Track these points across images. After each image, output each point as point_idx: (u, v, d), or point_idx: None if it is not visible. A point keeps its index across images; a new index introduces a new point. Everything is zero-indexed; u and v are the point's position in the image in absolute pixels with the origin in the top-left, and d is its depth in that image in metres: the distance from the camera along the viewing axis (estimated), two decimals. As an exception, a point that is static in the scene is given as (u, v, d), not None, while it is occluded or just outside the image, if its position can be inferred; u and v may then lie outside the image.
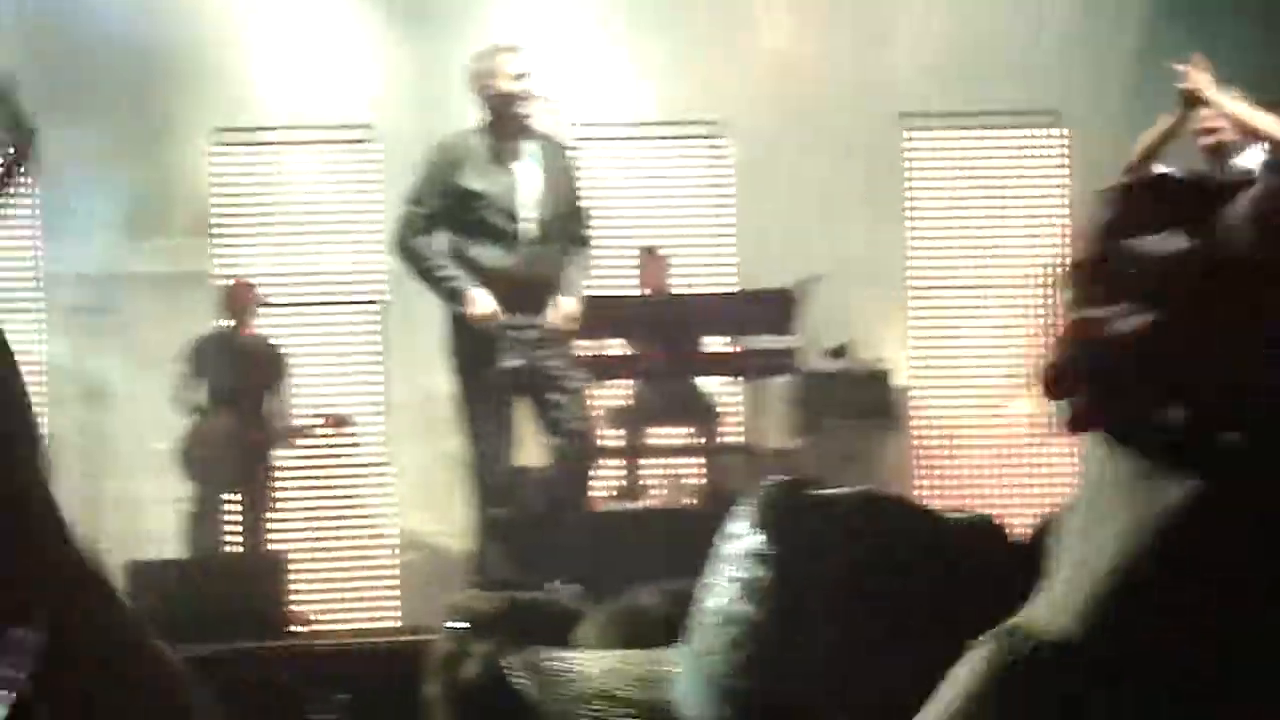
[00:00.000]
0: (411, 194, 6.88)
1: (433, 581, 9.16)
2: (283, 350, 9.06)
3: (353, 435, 9.56)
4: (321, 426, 9.26)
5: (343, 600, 9.27)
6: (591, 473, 7.18)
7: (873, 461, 9.04)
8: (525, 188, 6.70)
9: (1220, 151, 6.71)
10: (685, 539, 7.13)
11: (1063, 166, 9.72)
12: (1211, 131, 6.69)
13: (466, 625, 2.30)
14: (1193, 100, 6.62)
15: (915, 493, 9.32)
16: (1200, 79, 6.59)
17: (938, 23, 9.71)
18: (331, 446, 9.57)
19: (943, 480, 9.52)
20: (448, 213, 6.75)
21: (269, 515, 9.02)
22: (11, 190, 8.01)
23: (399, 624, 9.08)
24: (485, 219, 6.67)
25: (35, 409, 1.73)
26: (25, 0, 9.76)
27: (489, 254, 6.70)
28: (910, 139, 9.64)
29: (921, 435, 9.53)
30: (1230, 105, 6.59)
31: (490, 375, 6.67)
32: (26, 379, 1.71)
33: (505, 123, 6.71)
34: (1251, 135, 6.64)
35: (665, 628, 1.82)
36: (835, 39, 9.95)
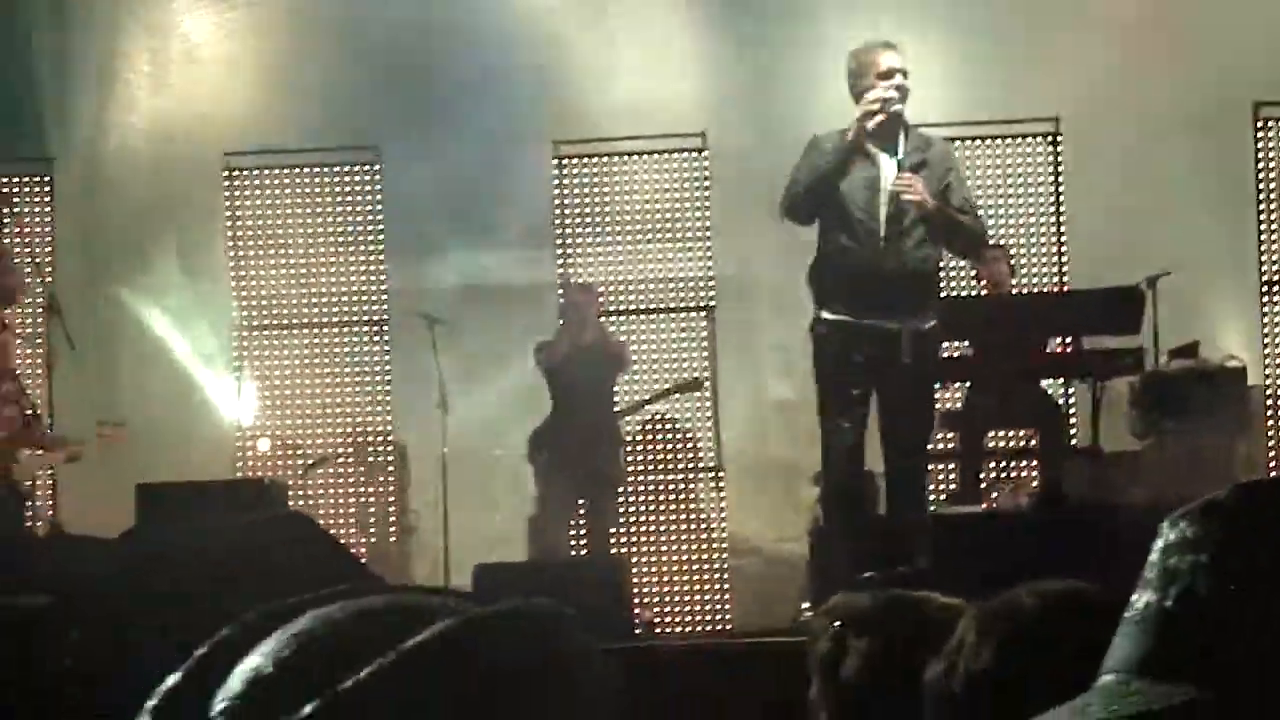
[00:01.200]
0: (791, 180, 6.83)
1: (763, 586, 9.19)
2: (624, 353, 9.19)
3: (690, 436, 9.64)
4: (671, 391, 9.33)
5: (678, 604, 9.36)
6: (928, 477, 7.10)
7: (1222, 466, 8.72)
8: (891, 184, 6.62)
9: None
10: (1025, 542, 7.06)
11: None
12: None
13: (843, 623, 2.29)
14: None
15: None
16: None
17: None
18: (668, 450, 9.66)
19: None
20: (817, 203, 6.70)
21: (615, 518, 9.16)
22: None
23: (730, 627, 9.13)
24: (851, 214, 6.62)
25: None
26: (371, 18, 10.11)
27: (853, 250, 6.65)
28: (1263, 127, 9.27)
29: (1278, 437, 9.14)
30: None
31: (849, 375, 6.63)
32: None
33: (879, 118, 6.66)
34: None
35: (1041, 625, 1.78)
36: (1179, 26, 9.65)
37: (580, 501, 9.07)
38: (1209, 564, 1.10)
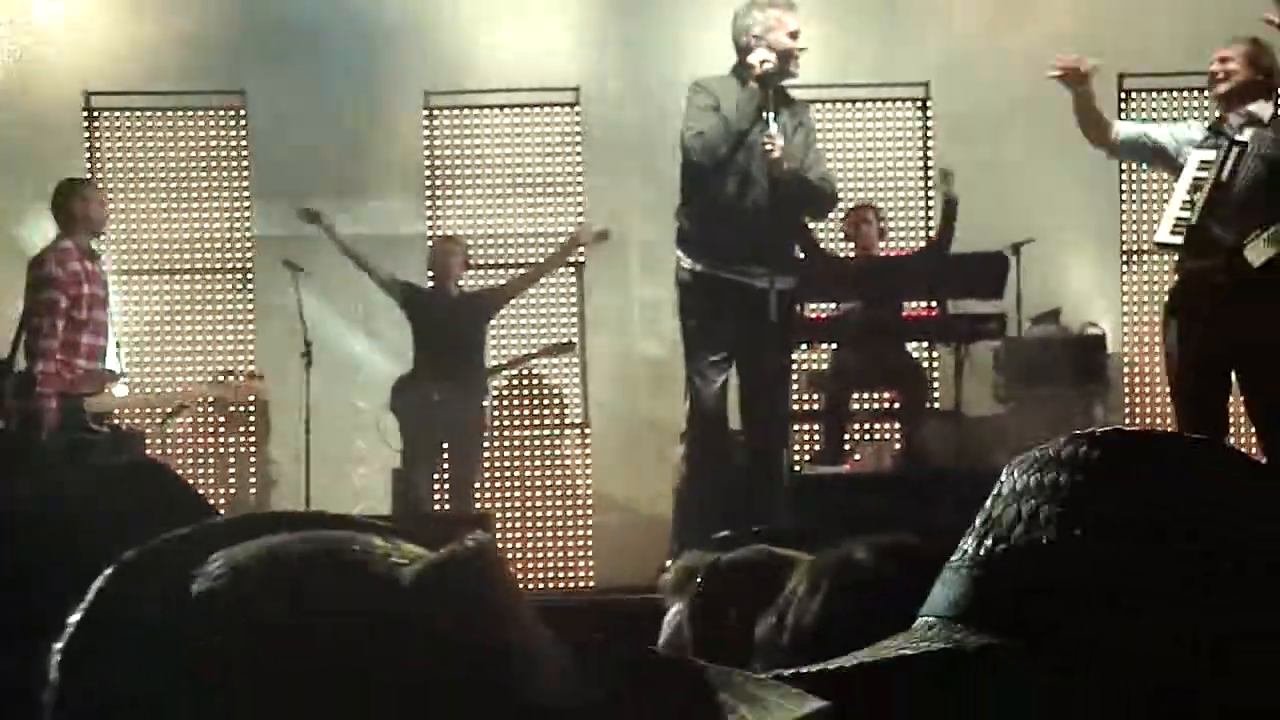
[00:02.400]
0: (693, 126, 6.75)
1: (628, 543, 9.20)
2: (489, 306, 9.15)
3: (557, 392, 9.63)
4: (541, 353, 9.31)
5: (541, 560, 9.35)
6: (786, 436, 7.13)
7: (1081, 429, 8.85)
8: (782, 140, 6.61)
9: (1231, 93, 6.43)
10: (886, 502, 7.13)
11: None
12: (1227, 74, 6.41)
13: (700, 581, 2.29)
14: None
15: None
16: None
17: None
18: (534, 406, 9.64)
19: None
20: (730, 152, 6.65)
21: (479, 473, 9.13)
22: None
23: (592, 585, 9.14)
24: (727, 167, 6.61)
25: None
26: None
27: (724, 202, 6.64)
28: (1126, 97, 9.39)
29: (1134, 404, 9.30)
30: None
31: (714, 330, 6.63)
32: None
33: (767, 77, 6.65)
34: (1270, 83, 6.37)
35: (876, 580, 1.78)
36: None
37: (444, 455, 9.03)
38: (1027, 514, 1.11)
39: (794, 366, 7.61)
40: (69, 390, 7.69)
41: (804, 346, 8.43)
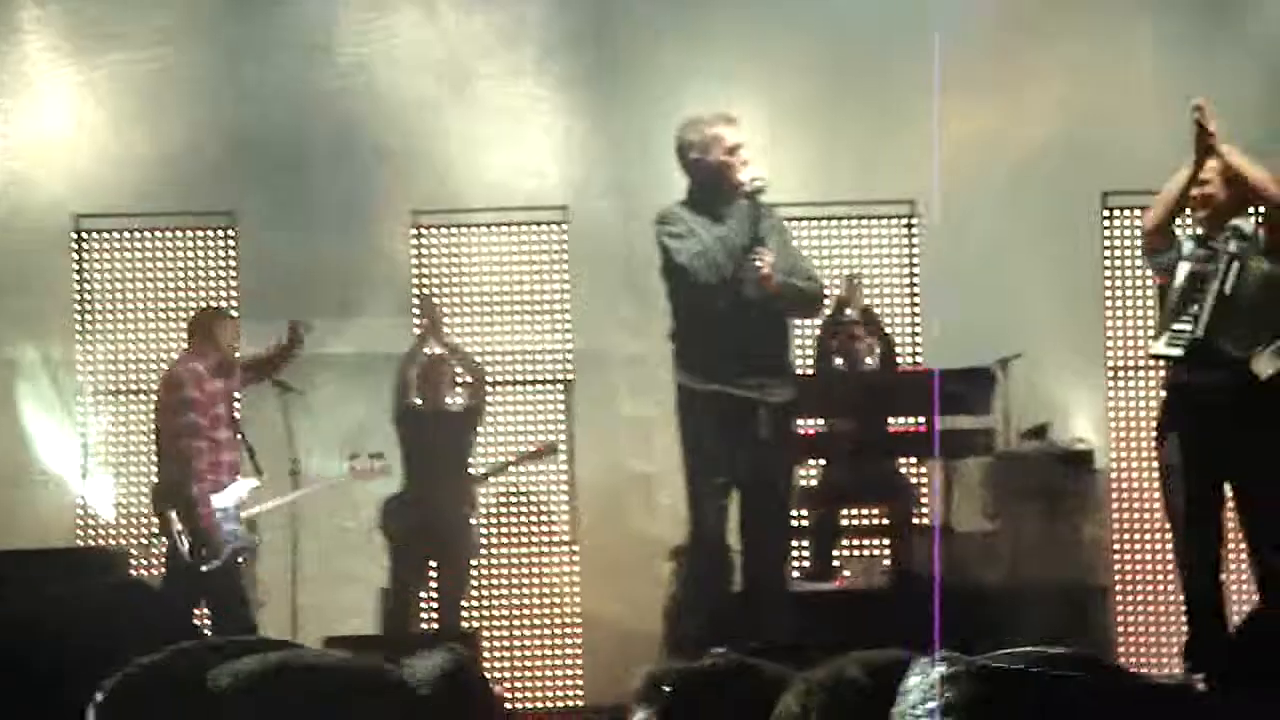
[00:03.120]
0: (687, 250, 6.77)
1: (616, 660, 9.14)
2: (476, 423, 9.14)
3: (544, 509, 9.61)
4: (528, 457, 9.32)
5: (530, 677, 9.29)
6: (787, 554, 7.11)
7: (1069, 548, 8.84)
8: (770, 255, 6.63)
9: (1213, 214, 6.45)
10: (878, 619, 7.09)
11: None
12: (1206, 198, 6.42)
13: (670, 690, 2.27)
14: (1205, 144, 6.33)
15: (1114, 578, 9.09)
16: (1210, 119, 6.32)
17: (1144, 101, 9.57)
18: (522, 523, 9.62)
19: (1143, 568, 9.26)
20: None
21: (466, 591, 9.09)
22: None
23: (581, 703, 9.07)
24: (736, 284, 6.62)
25: None
26: (231, 83, 10.02)
27: (714, 318, 6.65)
28: (1109, 216, 9.46)
29: (1122, 521, 9.28)
30: (1235, 156, 6.35)
31: (719, 452, 6.61)
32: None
33: (717, 191, 6.70)
34: (1245, 195, 6.39)
35: (869, 696, 1.77)
36: (1031, 117, 9.85)
37: (431, 574, 8.99)
38: None
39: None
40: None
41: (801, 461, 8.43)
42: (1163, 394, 6.62)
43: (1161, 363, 6.66)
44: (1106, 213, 9.43)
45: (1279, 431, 6.26)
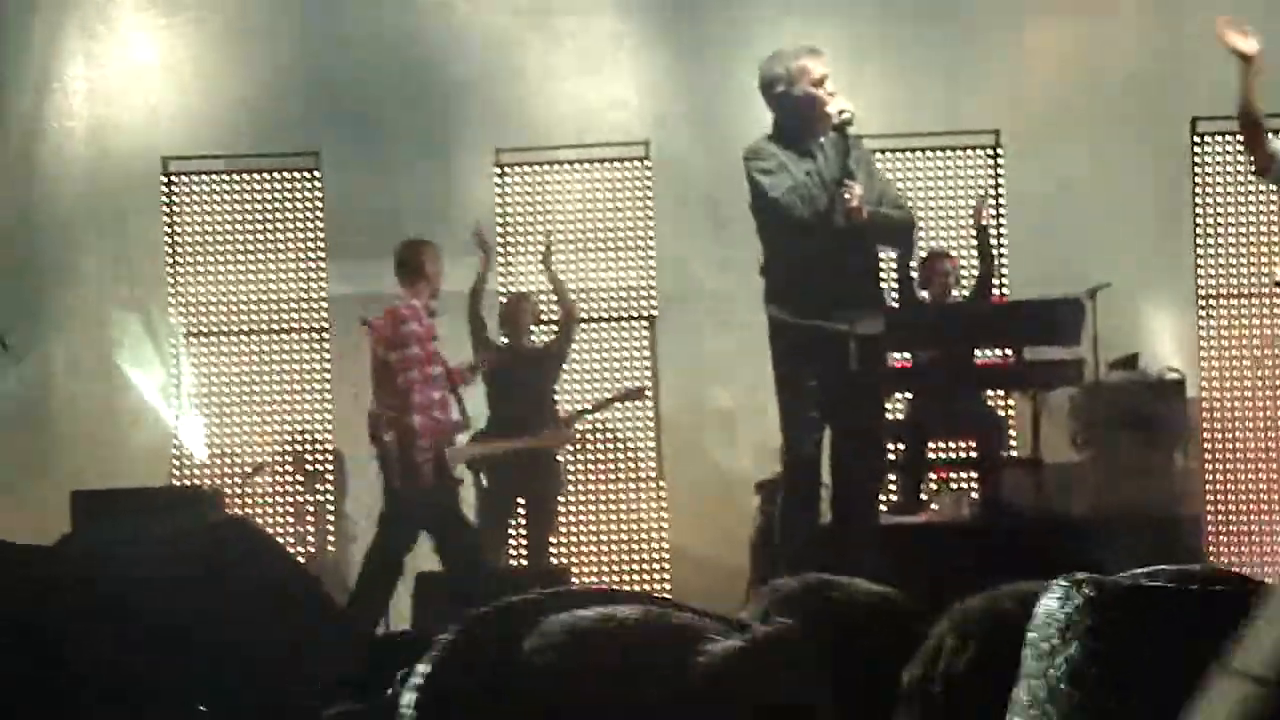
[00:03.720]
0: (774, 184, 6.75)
1: (704, 596, 9.17)
2: (560, 359, 9.16)
3: (630, 446, 9.63)
4: (615, 399, 9.35)
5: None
6: (879, 488, 7.08)
7: (1161, 478, 8.78)
8: (859, 189, 6.59)
9: None
10: (968, 551, 7.07)
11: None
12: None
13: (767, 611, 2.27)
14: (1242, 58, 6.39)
15: (1206, 508, 9.03)
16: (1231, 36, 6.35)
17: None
18: (608, 459, 9.65)
19: (1235, 497, 9.18)
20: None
21: (554, 528, 9.14)
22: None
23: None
24: (827, 218, 6.60)
25: None
26: (312, 23, 10.05)
27: (804, 251, 6.62)
28: (1199, 142, 9.33)
29: (1214, 450, 9.20)
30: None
31: (811, 385, 6.60)
32: None
33: (805, 125, 6.66)
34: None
35: (1022, 628, 1.77)
36: (1119, 40, 9.73)
37: (520, 510, 9.04)
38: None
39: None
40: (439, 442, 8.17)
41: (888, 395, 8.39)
42: None
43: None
44: (1196, 139, 9.30)
45: None
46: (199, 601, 4.04)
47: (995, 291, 9.22)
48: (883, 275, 7.10)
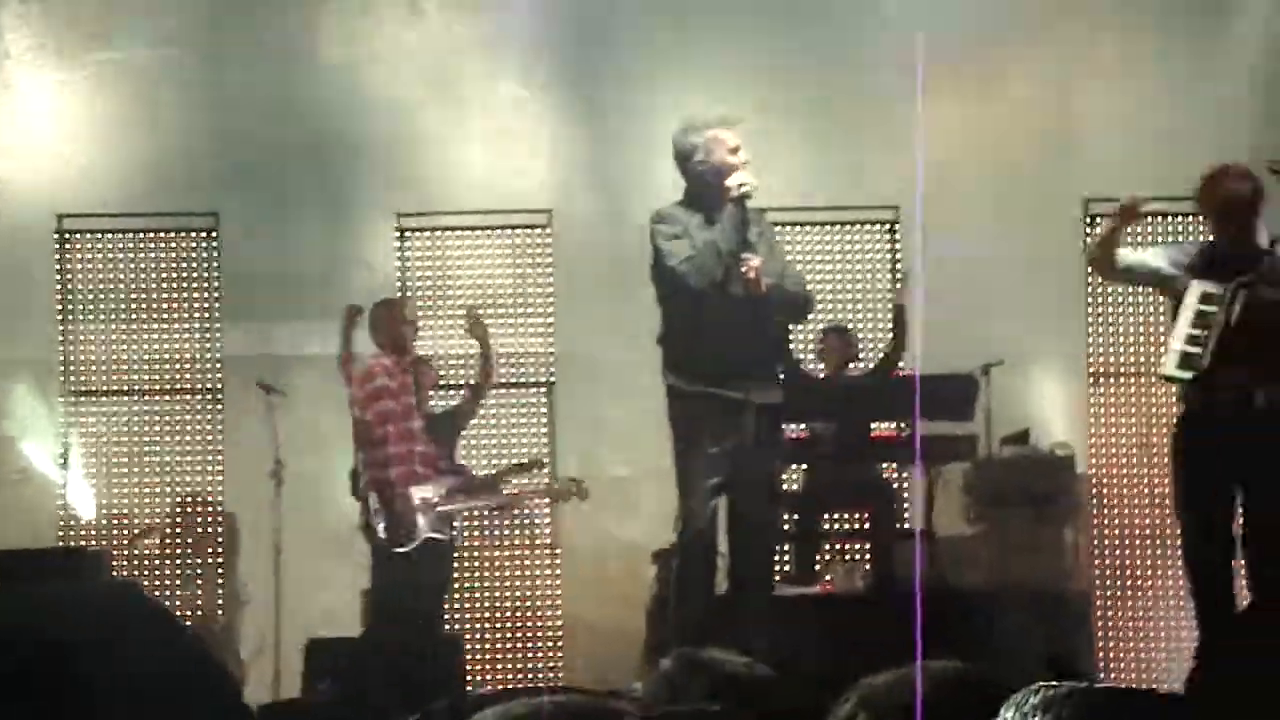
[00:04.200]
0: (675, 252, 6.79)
1: (599, 664, 9.15)
2: (459, 425, 9.15)
3: (526, 510, 9.60)
4: (511, 471, 9.33)
5: (512, 681, 9.29)
6: (774, 557, 7.10)
7: (1050, 552, 8.88)
8: (757, 260, 6.65)
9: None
10: (859, 625, 7.11)
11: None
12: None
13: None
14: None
15: (1095, 583, 9.13)
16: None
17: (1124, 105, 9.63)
18: (503, 526, 9.61)
19: (1123, 572, 9.29)
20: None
21: (447, 595, 9.08)
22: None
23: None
24: (723, 288, 6.66)
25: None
26: (215, 84, 10.02)
27: (704, 319, 6.67)
28: (1091, 221, 9.48)
29: (1103, 525, 9.32)
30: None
31: (709, 454, 6.62)
32: None
33: (713, 194, 6.71)
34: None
35: (936, 707, 1.79)
36: (1012, 121, 9.90)
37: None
38: None
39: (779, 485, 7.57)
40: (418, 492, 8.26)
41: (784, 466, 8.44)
42: (1178, 411, 6.68)
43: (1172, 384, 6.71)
44: (1087, 218, 9.46)
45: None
46: (85, 668, 3.97)
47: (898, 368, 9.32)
48: (780, 347, 7.14)
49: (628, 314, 10.10)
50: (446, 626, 9.00)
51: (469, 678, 8.40)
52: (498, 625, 9.43)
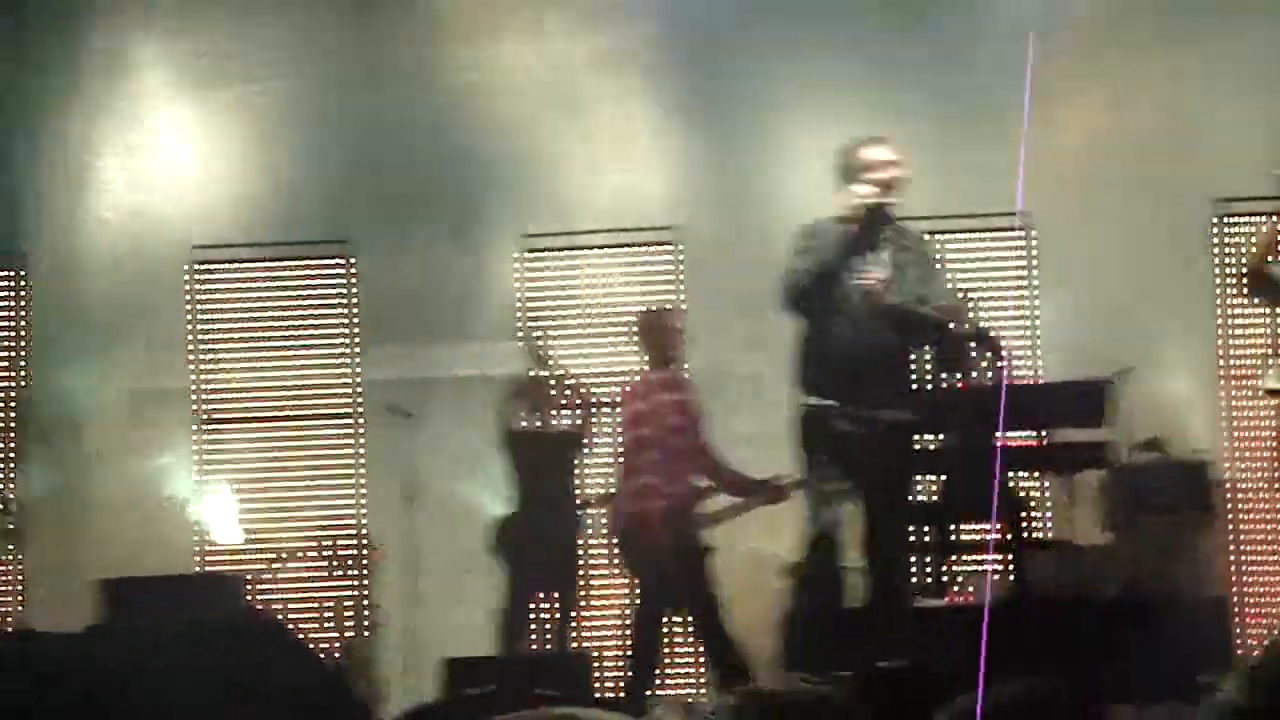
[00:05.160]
0: (791, 270, 6.86)
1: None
2: (583, 444, 9.16)
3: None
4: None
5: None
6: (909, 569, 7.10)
7: (1187, 559, 8.73)
8: (883, 274, 6.68)
9: None
10: (997, 635, 7.03)
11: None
12: None
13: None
14: None
15: (1234, 589, 8.97)
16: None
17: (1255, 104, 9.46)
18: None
19: (1261, 578, 9.12)
20: (821, 294, 6.75)
21: (577, 612, 9.11)
22: None
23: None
24: (835, 304, 6.70)
25: None
26: (342, 111, 10.16)
27: (836, 339, 6.70)
28: (1220, 224, 9.35)
29: (1242, 529, 9.16)
30: None
31: (827, 460, 6.65)
32: None
33: (870, 210, 6.74)
34: None
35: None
36: (1141, 125, 9.76)
37: (543, 593, 9.03)
38: None
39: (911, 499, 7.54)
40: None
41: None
42: None
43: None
44: (1218, 220, 9.31)
45: None
46: (221, 694, 4.07)
47: (1023, 375, 9.23)
48: (911, 362, 7.11)
49: (758, 328, 10.11)
50: (574, 643, 9.03)
51: (595, 692, 8.40)
52: (629, 641, 9.41)
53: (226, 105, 10.20)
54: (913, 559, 8.79)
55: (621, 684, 8.11)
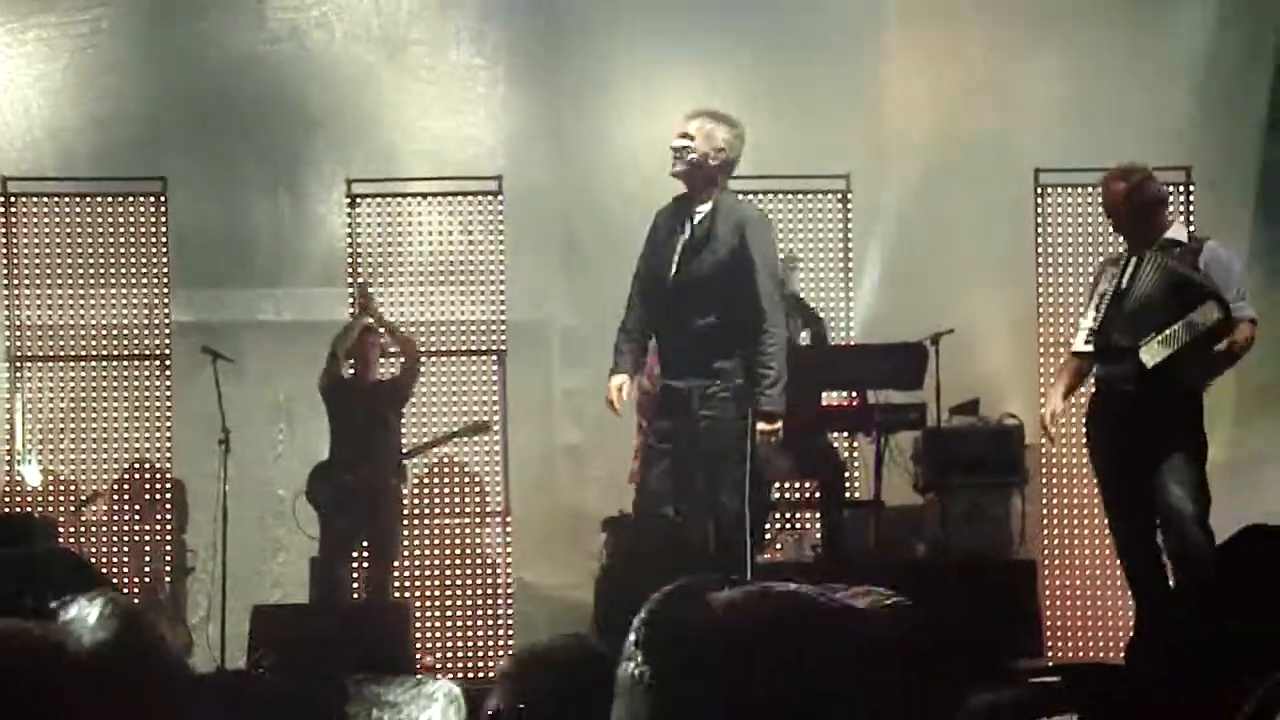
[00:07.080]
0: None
1: (548, 631, 9.15)
2: (405, 392, 9.10)
3: (477, 480, 9.56)
4: (458, 434, 9.28)
5: (459, 649, 9.27)
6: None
7: (1000, 522, 8.90)
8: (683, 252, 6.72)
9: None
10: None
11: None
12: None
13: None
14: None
15: (1045, 552, 9.15)
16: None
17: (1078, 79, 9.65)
18: (454, 493, 9.59)
19: (1071, 542, 9.32)
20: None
21: (394, 562, 9.05)
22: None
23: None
24: (649, 272, 6.78)
25: None
26: (163, 46, 9.94)
27: (648, 308, 6.79)
28: (1042, 193, 9.49)
29: (1052, 494, 9.35)
30: None
31: (652, 430, 6.75)
32: None
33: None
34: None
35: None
36: (963, 92, 9.90)
37: (363, 543, 8.96)
38: None
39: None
40: None
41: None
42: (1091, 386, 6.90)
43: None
44: (1039, 190, 9.47)
45: (1174, 417, 6.51)
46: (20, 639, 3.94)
47: (841, 338, 9.32)
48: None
49: (580, 282, 10.11)
50: (394, 594, 8.99)
51: (416, 646, 8.36)
52: (449, 590, 9.40)
53: (45, 35, 9.92)
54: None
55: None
